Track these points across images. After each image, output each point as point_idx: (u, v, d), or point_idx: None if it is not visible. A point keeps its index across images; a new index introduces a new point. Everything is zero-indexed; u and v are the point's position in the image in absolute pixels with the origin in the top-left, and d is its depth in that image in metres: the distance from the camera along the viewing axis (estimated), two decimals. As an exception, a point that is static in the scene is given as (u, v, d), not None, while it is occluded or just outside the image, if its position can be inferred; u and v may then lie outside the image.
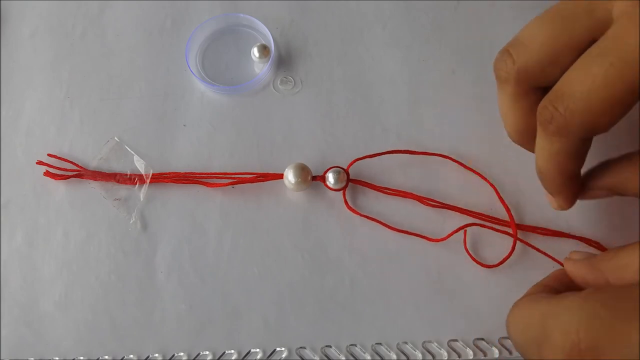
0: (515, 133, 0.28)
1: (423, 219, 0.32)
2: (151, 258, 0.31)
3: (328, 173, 0.32)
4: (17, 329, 0.30)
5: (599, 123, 0.22)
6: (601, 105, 0.22)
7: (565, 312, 0.21)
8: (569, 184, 0.26)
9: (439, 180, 0.32)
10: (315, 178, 0.32)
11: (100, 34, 0.38)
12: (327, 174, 0.32)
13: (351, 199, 0.32)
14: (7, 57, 0.37)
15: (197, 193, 0.33)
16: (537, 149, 0.26)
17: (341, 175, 0.31)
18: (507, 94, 0.26)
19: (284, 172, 0.32)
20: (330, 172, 0.32)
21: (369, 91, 0.35)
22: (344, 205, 0.32)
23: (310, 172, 0.32)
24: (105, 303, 0.31)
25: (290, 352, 0.29)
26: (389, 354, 0.29)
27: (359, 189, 0.33)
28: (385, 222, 0.31)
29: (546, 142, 0.25)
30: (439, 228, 0.31)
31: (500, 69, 0.26)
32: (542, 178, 0.27)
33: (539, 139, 0.25)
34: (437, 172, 0.33)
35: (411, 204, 0.32)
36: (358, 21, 0.37)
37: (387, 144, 0.33)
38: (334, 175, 0.31)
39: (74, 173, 0.33)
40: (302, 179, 0.31)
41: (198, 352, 0.29)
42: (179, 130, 0.35)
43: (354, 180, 0.32)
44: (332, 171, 0.32)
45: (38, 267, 0.32)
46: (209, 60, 0.37)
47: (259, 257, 0.31)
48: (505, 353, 0.29)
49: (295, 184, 0.31)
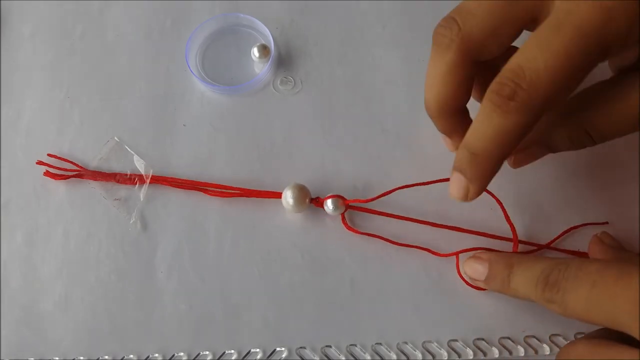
0: (437, 104, 0.27)
1: (423, 232, 0.31)
2: (151, 258, 0.31)
3: (327, 200, 0.31)
4: (17, 329, 0.30)
5: (561, 95, 0.23)
6: (564, 78, 0.22)
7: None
8: (500, 165, 0.26)
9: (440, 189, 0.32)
10: (312, 201, 0.31)
11: (100, 34, 0.38)
12: (325, 201, 0.31)
13: (351, 212, 0.32)
14: (7, 57, 0.37)
15: (198, 193, 0.33)
16: (480, 128, 0.25)
17: (340, 204, 0.31)
18: (445, 62, 0.25)
19: (283, 192, 0.31)
20: (329, 200, 0.31)
21: (369, 91, 0.35)
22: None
23: (309, 193, 0.31)
24: (105, 303, 0.31)
25: (290, 352, 0.29)
26: (389, 354, 0.29)
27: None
28: (386, 237, 0.31)
29: (498, 120, 0.24)
30: (438, 240, 0.31)
31: (443, 35, 0.25)
32: (476, 160, 0.25)
33: (486, 118, 0.24)
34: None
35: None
36: (358, 21, 0.37)
37: (387, 144, 0.33)
38: (333, 203, 0.31)
39: (74, 173, 0.33)
40: (300, 203, 0.31)
41: (198, 352, 0.29)
42: (179, 130, 0.35)
43: (352, 207, 0.32)
44: (331, 200, 0.31)
45: (38, 267, 0.32)
46: (209, 60, 0.37)
47: (259, 257, 0.31)
48: (505, 353, 0.29)
49: (292, 207, 0.31)
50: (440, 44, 0.26)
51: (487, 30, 0.25)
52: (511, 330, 0.29)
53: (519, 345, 0.29)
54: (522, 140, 0.25)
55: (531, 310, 0.29)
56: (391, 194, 0.30)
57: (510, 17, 0.24)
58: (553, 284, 0.24)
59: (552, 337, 0.29)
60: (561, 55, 0.22)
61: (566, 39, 0.22)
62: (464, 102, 0.27)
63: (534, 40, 0.23)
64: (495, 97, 0.23)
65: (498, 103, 0.23)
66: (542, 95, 0.23)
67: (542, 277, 0.25)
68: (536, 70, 0.22)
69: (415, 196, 0.32)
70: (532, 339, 0.29)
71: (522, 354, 0.29)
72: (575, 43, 0.22)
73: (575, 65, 0.22)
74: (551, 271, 0.25)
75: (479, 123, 0.25)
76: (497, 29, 0.25)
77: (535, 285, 0.25)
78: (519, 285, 0.26)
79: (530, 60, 0.23)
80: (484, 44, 0.25)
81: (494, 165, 0.25)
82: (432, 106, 0.27)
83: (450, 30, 0.25)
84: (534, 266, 0.26)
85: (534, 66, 0.22)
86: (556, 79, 0.22)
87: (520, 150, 0.29)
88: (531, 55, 0.23)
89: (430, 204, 0.32)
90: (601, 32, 0.22)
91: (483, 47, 0.25)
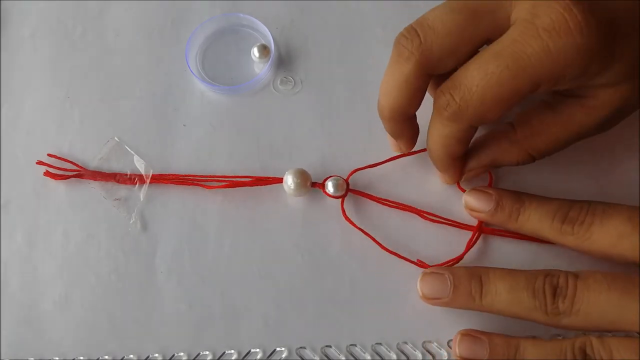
0: (391, 111, 0.28)
1: (421, 230, 0.31)
2: (151, 258, 0.31)
3: (328, 181, 0.31)
4: (17, 329, 0.30)
5: (489, 115, 0.25)
6: (492, 101, 0.24)
7: None
8: (454, 163, 0.30)
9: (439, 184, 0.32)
10: (314, 185, 0.32)
11: (100, 34, 0.38)
12: (326, 182, 0.31)
13: (352, 206, 0.32)
14: (7, 57, 0.37)
15: (197, 193, 0.33)
16: (430, 130, 0.28)
17: (340, 183, 0.31)
18: (402, 72, 0.27)
19: (284, 176, 0.32)
20: (329, 180, 0.31)
21: (369, 91, 0.35)
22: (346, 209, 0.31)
23: (310, 177, 0.32)
24: (105, 303, 0.31)
25: (290, 352, 0.29)
26: (389, 354, 0.29)
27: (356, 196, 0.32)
28: (377, 238, 0.30)
29: (439, 125, 0.27)
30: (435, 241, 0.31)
31: (404, 46, 0.26)
32: (432, 157, 0.29)
33: (433, 122, 0.27)
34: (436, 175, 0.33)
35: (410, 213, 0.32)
36: (358, 21, 0.37)
37: (387, 145, 0.33)
38: (333, 183, 0.31)
39: (74, 173, 0.33)
40: (301, 185, 0.31)
41: (198, 352, 0.29)
42: (179, 130, 0.35)
43: (353, 190, 0.32)
44: (332, 179, 0.31)
45: (38, 267, 0.32)
46: (209, 60, 0.37)
47: (259, 257, 0.31)
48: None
49: (294, 190, 0.31)
50: (400, 54, 0.27)
51: (446, 49, 0.26)
52: (511, 330, 0.29)
53: (519, 345, 0.29)
54: (464, 144, 0.28)
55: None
56: (393, 193, 0.30)
57: (470, 37, 0.26)
58: (574, 218, 0.27)
59: (552, 337, 0.29)
60: (492, 81, 0.24)
61: (501, 68, 0.24)
62: (415, 110, 0.29)
63: (477, 59, 0.25)
64: (436, 104, 0.26)
65: (438, 110, 0.26)
66: (471, 111, 0.25)
67: (561, 211, 0.27)
68: (469, 88, 0.24)
69: (417, 192, 0.32)
70: (532, 339, 0.29)
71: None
72: (507, 75, 0.24)
73: (503, 93, 0.24)
74: (570, 208, 0.27)
75: (429, 125, 0.28)
76: (456, 48, 0.26)
77: (553, 219, 0.27)
78: (531, 218, 0.28)
79: (468, 77, 0.25)
80: (442, 60, 0.26)
81: (447, 162, 0.29)
82: (385, 112, 0.29)
83: (412, 43, 0.26)
84: (550, 202, 0.28)
85: (469, 83, 0.25)
86: (485, 100, 0.24)
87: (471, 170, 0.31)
88: (469, 73, 0.25)
89: (433, 195, 0.32)
90: (536, 70, 0.24)
91: (440, 62, 0.26)
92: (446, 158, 0.29)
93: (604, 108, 0.26)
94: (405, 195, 0.32)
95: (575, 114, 0.27)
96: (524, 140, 0.29)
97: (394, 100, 0.28)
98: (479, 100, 0.24)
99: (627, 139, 0.33)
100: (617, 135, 0.33)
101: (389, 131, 0.30)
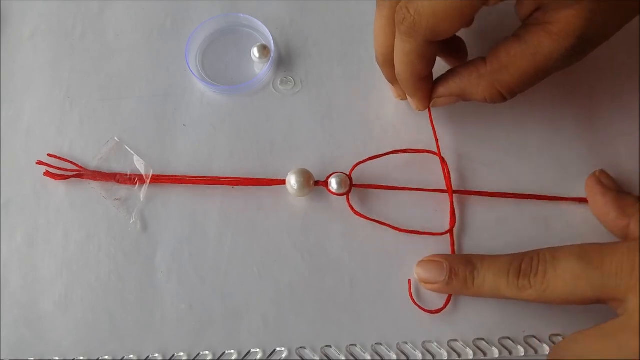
0: (381, 54, 0.31)
1: (428, 217, 0.32)
2: (151, 258, 0.31)
3: (331, 178, 0.31)
4: (17, 329, 0.30)
5: (442, 28, 0.26)
6: (444, 12, 0.26)
7: None
8: (421, 85, 0.30)
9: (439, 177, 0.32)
10: (317, 183, 0.32)
11: (100, 34, 0.38)
12: (330, 179, 0.31)
13: (356, 203, 0.32)
14: (7, 57, 0.37)
15: (197, 193, 0.33)
16: (395, 52, 0.29)
17: (344, 179, 0.31)
18: (383, 16, 0.29)
19: (287, 177, 0.31)
20: (333, 177, 0.31)
21: (369, 91, 0.35)
22: (347, 208, 0.31)
23: (313, 177, 0.32)
24: (105, 303, 0.31)
25: (290, 352, 0.29)
26: (389, 354, 0.29)
27: (359, 193, 0.32)
28: (390, 224, 0.31)
29: (400, 42, 0.28)
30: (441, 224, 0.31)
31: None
32: (400, 80, 0.30)
33: (396, 42, 0.29)
34: (438, 170, 0.33)
35: (414, 203, 0.32)
36: (358, 21, 0.37)
37: (387, 144, 0.33)
38: (337, 180, 0.31)
39: (74, 173, 0.33)
40: (305, 185, 0.31)
41: (198, 352, 0.29)
42: (179, 130, 0.35)
43: (357, 185, 0.32)
44: (335, 176, 0.31)
45: (38, 267, 0.32)
46: (209, 60, 0.37)
47: (259, 257, 0.31)
48: (505, 353, 0.29)
49: (297, 190, 0.31)
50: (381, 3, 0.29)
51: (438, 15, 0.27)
52: (511, 330, 0.29)
53: (519, 345, 0.29)
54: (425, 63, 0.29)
55: (531, 310, 0.29)
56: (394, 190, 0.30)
57: None
58: (527, 270, 0.26)
59: (552, 337, 0.29)
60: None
61: None
62: None
63: None
64: (395, 19, 0.27)
65: (397, 25, 0.27)
66: (424, 23, 0.26)
67: (513, 267, 0.27)
68: (422, 0, 0.26)
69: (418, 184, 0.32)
70: (532, 339, 0.29)
71: (522, 354, 0.29)
72: None
73: (454, 7, 0.25)
74: (520, 261, 0.27)
75: (395, 47, 0.29)
76: None
77: (507, 275, 0.27)
78: (487, 279, 0.27)
79: None
80: None
81: (413, 84, 0.30)
82: (378, 55, 0.31)
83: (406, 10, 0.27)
84: (500, 259, 0.28)
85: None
86: (436, 11, 0.26)
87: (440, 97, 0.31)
88: None
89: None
90: None
91: None
92: (411, 78, 0.30)
93: (568, 33, 0.26)
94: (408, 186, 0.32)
95: (541, 43, 0.27)
96: (492, 73, 0.29)
97: (381, 44, 0.30)
98: (430, 11, 0.26)
99: (627, 134, 0.33)
100: (616, 131, 0.34)
101: (386, 77, 0.32)
